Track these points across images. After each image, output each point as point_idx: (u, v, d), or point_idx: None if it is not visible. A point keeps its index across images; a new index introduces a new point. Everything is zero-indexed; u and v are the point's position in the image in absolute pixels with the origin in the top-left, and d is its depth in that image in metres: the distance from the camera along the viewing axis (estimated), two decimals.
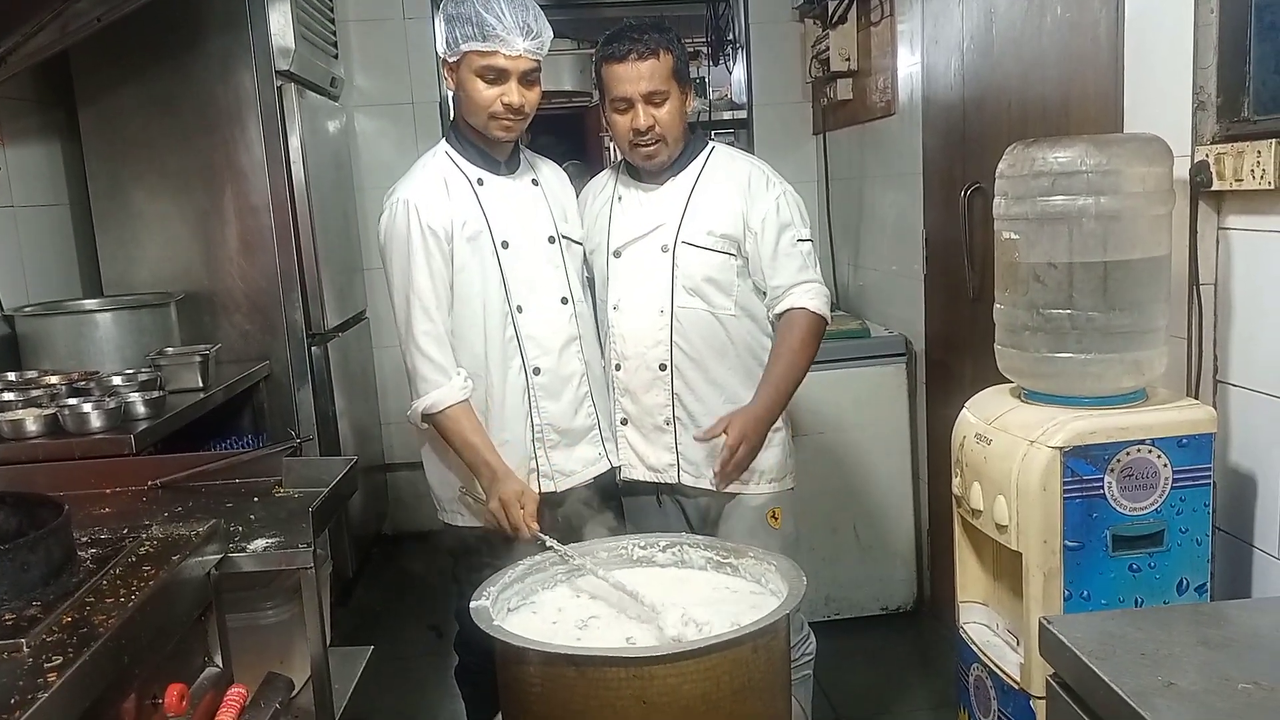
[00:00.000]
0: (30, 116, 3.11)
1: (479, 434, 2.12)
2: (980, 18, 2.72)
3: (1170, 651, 1.22)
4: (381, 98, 4.34)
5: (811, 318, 2.21)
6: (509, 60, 2.04)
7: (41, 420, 2.29)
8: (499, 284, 2.15)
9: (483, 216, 2.14)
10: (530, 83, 2.10)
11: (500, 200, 2.17)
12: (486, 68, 2.05)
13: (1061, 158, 1.71)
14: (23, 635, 1.19)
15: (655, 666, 1.45)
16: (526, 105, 2.09)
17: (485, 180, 2.17)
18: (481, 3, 2.02)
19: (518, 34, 2.02)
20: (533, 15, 2.06)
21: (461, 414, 2.11)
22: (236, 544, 1.62)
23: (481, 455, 2.09)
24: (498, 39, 2.02)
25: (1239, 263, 1.77)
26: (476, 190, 2.16)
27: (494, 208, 2.16)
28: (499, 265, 2.14)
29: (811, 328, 2.22)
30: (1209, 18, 1.76)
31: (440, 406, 2.10)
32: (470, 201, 2.14)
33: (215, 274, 3.30)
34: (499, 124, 2.10)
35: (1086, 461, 1.66)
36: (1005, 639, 1.90)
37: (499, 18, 2.01)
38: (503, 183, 2.19)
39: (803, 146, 4.42)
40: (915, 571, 3.48)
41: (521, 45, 2.03)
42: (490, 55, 2.03)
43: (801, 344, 2.21)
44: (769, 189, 2.23)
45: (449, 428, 2.11)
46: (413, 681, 3.17)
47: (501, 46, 2.02)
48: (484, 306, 2.14)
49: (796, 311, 2.21)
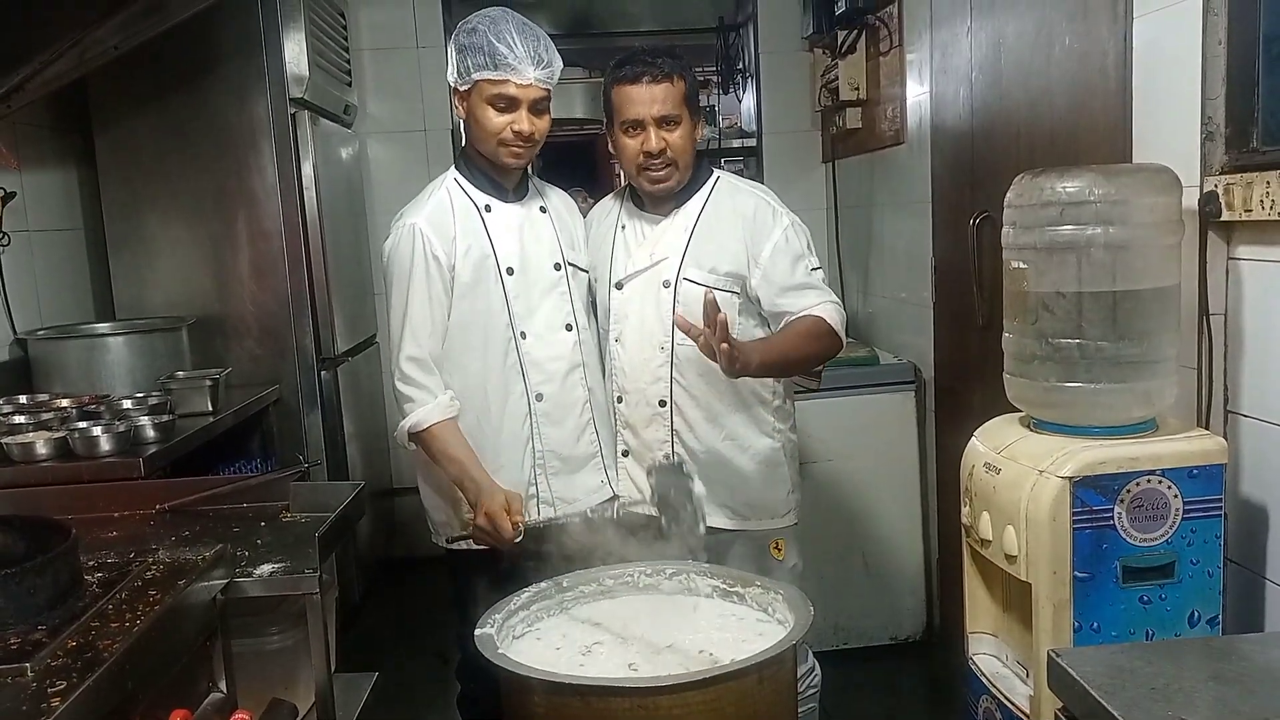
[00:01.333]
0: (46, 142, 3.15)
1: (464, 449, 2.11)
2: (989, 48, 2.74)
3: (1181, 686, 1.20)
4: (394, 125, 4.38)
5: (824, 324, 2.12)
6: (520, 89, 2.06)
7: (51, 443, 2.30)
8: (503, 309, 2.15)
9: (489, 242, 2.15)
10: (540, 111, 2.11)
11: (506, 227, 2.18)
12: (498, 96, 2.07)
13: (1070, 187, 1.71)
14: (27, 659, 1.19)
15: (660, 697, 1.44)
16: (536, 133, 2.11)
17: (493, 207, 2.18)
18: (494, 32, 2.04)
19: (529, 63, 2.04)
20: (544, 45, 2.08)
21: (446, 431, 2.11)
22: (243, 569, 1.62)
23: (467, 470, 2.08)
24: (509, 68, 2.04)
25: (1249, 293, 1.77)
26: (484, 216, 2.17)
27: (500, 234, 2.17)
28: (504, 291, 2.15)
29: (819, 331, 2.12)
30: (1217, 49, 1.77)
31: (425, 424, 2.10)
32: (477, 227, 2.15)
33: (227, 298, 3.32)
34: (508, 151, 2.12)
35: (1096, 492, 1.65)
36: (1015, 670, 1.88)
37: (510, 47, 2.04)
38: (510, 209, 2.20)
39: (811, 174, 4.44)
40: (924, 601, 3.45)
41: (532, 74, 2.05)
42: (501, 84, 2.05)
43: (808, 332, 2.11)
44: (776, 221, 2.20)
45: (433, 446, 2.11)
46: (417, 708, 3.15)
47: (513, 75, 2.05)
48: (486, 332, 2.15)
49: (810, 316, 2.13)
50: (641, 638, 1.73)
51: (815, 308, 2.15)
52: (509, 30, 2.05)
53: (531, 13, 2.19)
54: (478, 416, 2.16)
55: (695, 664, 1.60)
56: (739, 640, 1.70)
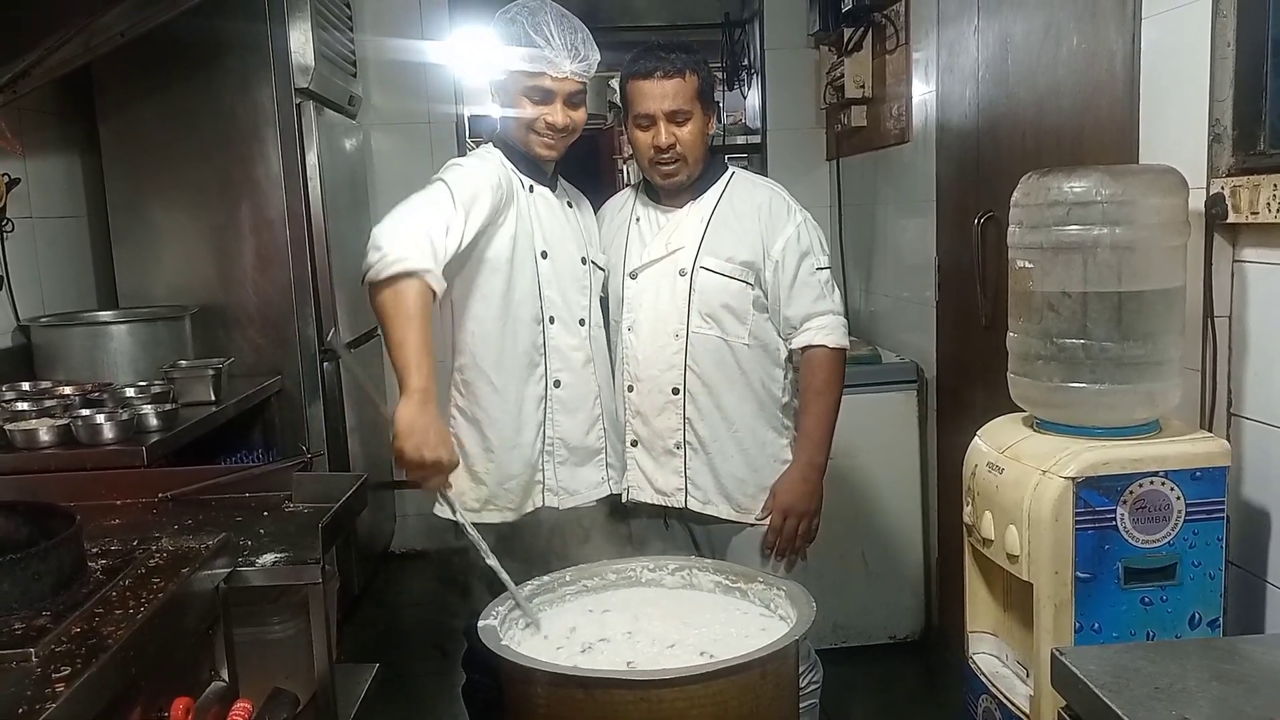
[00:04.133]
0: (51, 129, 3.15)
1: (427, 338, 1.80)
2: (996, 47, 2.73)
3: (1185, 686, 1.21)
4: (398, 116, 4.37)
5: (831, 354, 2.23)
6: (555, 82, 2.06)
7: (54, 430, 2.30)
8: (534, 291, 2.12)
9: (530, 221, 2.13)
10: (576, 104, 2.11)
11: (545, 211, 2.17)
12: (533, 88, 2.06)
13: (1077, 187, 1.71)
14: (32, 645, 1.19)
15: (663, 690, 1.45)
16: (571, 125, 2.11)
17: (535, 189, 2.17)
18: (531, 23, 2.04)
19: (565, 56, 2.04)
20: (580, 38, 2.08)
21: (420, 301, 1.80)
22: (246, 558, 1.62)
23: (421, 364, 1.77)
24: (545, 60, 2.03)
25: (1254, 295, 1.77)
26: (527, 195, 2.15)
27: (540, 216, 2.15)
28: (536, 273, 2.13)
29: (833, 365, 2.24)
30: (1225, 50, 1.77)
31: (413, 267, 1.79)
32: (524, 202, 2.13)
33: (230, 288, 3.32)
34: (541, 141, 2.11)
35: (1099, 492, 1.65)
36: (1015, 670, 1.88)
37: (548, 39, 2.03)
38: (549, 195, 2.20)
39: (816, 172, 4.43)
40: (924, 600, 3.45)
41: (569, 67, 2.05)
42: (538, 76, 2.05)
43: (826, 385, 2.24)
44: (790, 216, 2.24)
45: (402, 305, 1.78)
46: (416, 700, 3.16)
47: (549, 68, 2.04)
48: (514, 310, 2.10)
49: (815, 351, 2.23)
50: (644, 632, 1.73)
51: (812, 331, 2.22)
52: (547, 22, 2.04)
53: None
54: (494, 391, 2.12)
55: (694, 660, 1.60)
56: (741, 636, 1.70)
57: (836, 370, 2.25)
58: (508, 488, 2.14)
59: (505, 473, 2.14)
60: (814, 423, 2.24)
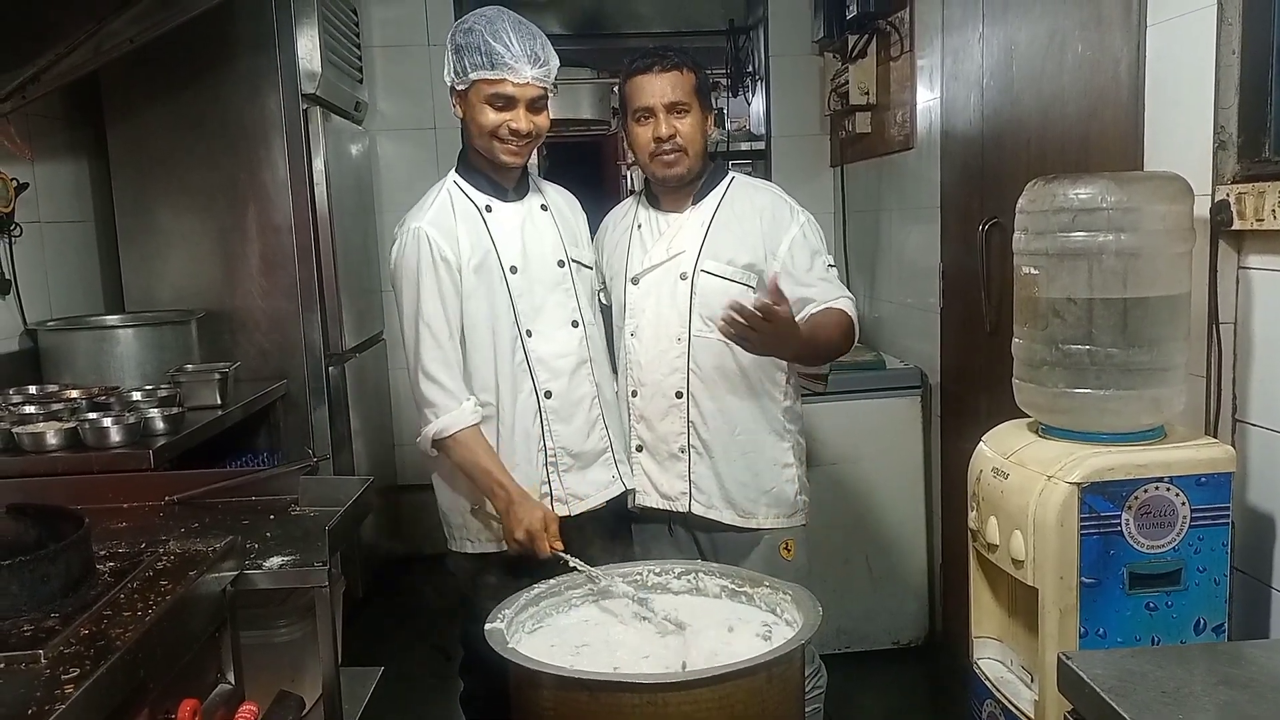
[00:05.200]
0: (60, 134, 3.16)
1: (491, 457, 2.11)
2: (1000, 54, 2.74)
3: (1191, 690, 1.21)
4: (404, 122, 4.39)
5: (846, 318, 2.17)
6: (517, 88, 2.07)
7: (61, 434, 2.31)
8: (508, 308, 2.15)
9: (491, 242, 2.15)
10: (538, 109, 2.12)
11: (508, 226, 2.18)
12: (495, 95, 2.07)
13: (1082, 194, 1.71)
14: (41, 646, 1.20)
15: (669, 693, 1.45)
16: (534, 130, 2.12)
17: (493, 207, 2.18)
18: (490, 31, 2.05)
19: (525, 62, 2.05)
20: (540, 43, 2.09)
21: (473, 438, 2.10)
22: (252, 561, 1.62)
23: (496, 479, 2.08)
24: (506, 67, 2.05)
25: (1259, 302, 1.77)
26: (484, 217, 2.17)
27: (501, 233, 2.17)
28: (508, 290, 2.15)
29: (844, 323, 2.16)
30: (1231, 58, 1.77)
31: (451, 430, 2.09)
32: (479, 228, 2.16)
33: (236, 293, 3.33)
34: (505, 148, 2.12)
35: (1104, 498, 1.65)
36: (1019, 675, 1.88)
37: (507, 46, 2.04)
38: (510, 208, 2.21)
39: (820, 178, 4.44)
40: (928, 605, 3.45)
41: (529, 73, 2.06)
42: (498, 83, 2.06)
43: (834, 323, 2.14)
44: (793, 217, 2.24)
45: (460, 453, 2.11)
46: (419, 705, 3.16)
47: (509, 74, 2.05)
48: (493, 332, 2.15)
49: (834, 309, 2.17)
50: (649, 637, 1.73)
51: (837, 301, 2.19)
52: (505, 29, 2.06)
53: (540, 13, 2.21)
54: (496, 418, 2.16)
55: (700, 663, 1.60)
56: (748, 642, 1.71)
57: (847, 331, 2.16)
58: None
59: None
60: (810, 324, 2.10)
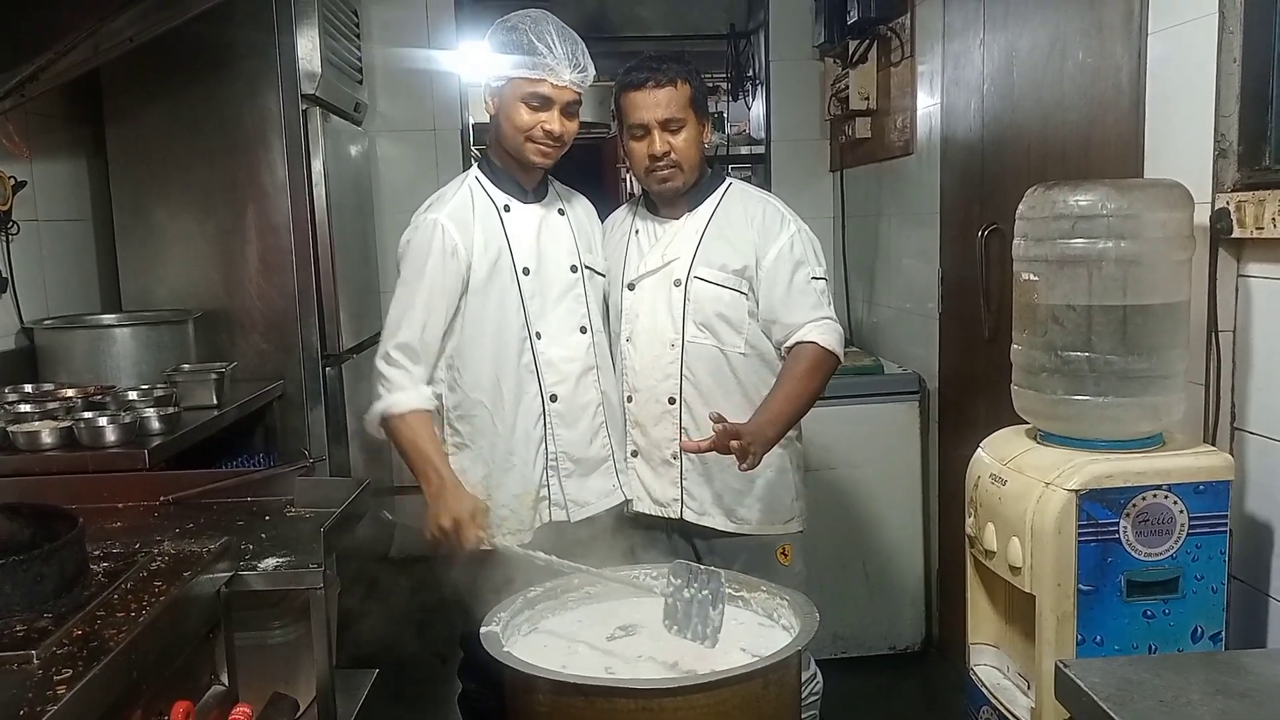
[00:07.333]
0: (58, 132, 3.15)
1: (434, 445, 2.10)
2: (1001, 60, 2.74)
3: (1189, 699, 1.21)
4: (404, 124, 4.37)
5: (821, 352, 2.16)
6: (555, 90, 2.08)
7: (56, 433, 2.29)
8: (518, 309, 2.15)
9: (506, 241, 2.16)
10: (571, 114, 2.14)
11: (525, 227, 2.19)
12: (532, 94, 2.09)
13: (1082, 201, 1.71)
14: (33, 646, 1.19)
15: (665, 699, 1.44)
16: (565, 135, 2.13)
17: (511, 207, 2.19)
18: (534, 31, 2.07)
19: (566, 65, 2.07)
20: (580, 50, 2.11)
21: (422, 422, 2.10)
22: (247, 562, 1.62)
23: (433, 464, 2.06)
24: (546, 68, 2.06)
25: (1258, 310, 1.77)
26: (502, 216, 2.18)
27: (517, 234, 2.18)
28: (519, 291, 2.15)
29: (819, 361, 2.15)
30: (1232, 66, 1.77)
31: (401, 409, 2.09)
32: (495, 226, 2.17)
33: (234, 293, 3.31)
34: (536, 149, 2.13)
35: (1102, 505, 1.65)
36: (1016, 682, 1.88)
37: (550, 47, 2.06)
38: (529, 210, 2.21)
39: (819, 183, 4.43)
40: (924, 611, 3.45)
41: (568, 76, 2.08)
42: (538, 83, 2.08)
43: (806, 373, 2.13)
44: (783, 227, 2.24)
45: (406, 434, 2.09)
46: (413, 707, 3.15)
47: (550, 76, 2.07)
48: (500, 331, 2.15)
49: (805, 345, 2.16)
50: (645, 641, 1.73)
51: (809, 329, 2.17)
52: (549, 31, 2.08)
53: None
54: (491, 415, 2.16)
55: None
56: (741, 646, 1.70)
57: (820, 367, 2.15)
58: (514, 509, 2.15)
59: (509, 493, 2.15)
60: (781, 400, 2.09)
